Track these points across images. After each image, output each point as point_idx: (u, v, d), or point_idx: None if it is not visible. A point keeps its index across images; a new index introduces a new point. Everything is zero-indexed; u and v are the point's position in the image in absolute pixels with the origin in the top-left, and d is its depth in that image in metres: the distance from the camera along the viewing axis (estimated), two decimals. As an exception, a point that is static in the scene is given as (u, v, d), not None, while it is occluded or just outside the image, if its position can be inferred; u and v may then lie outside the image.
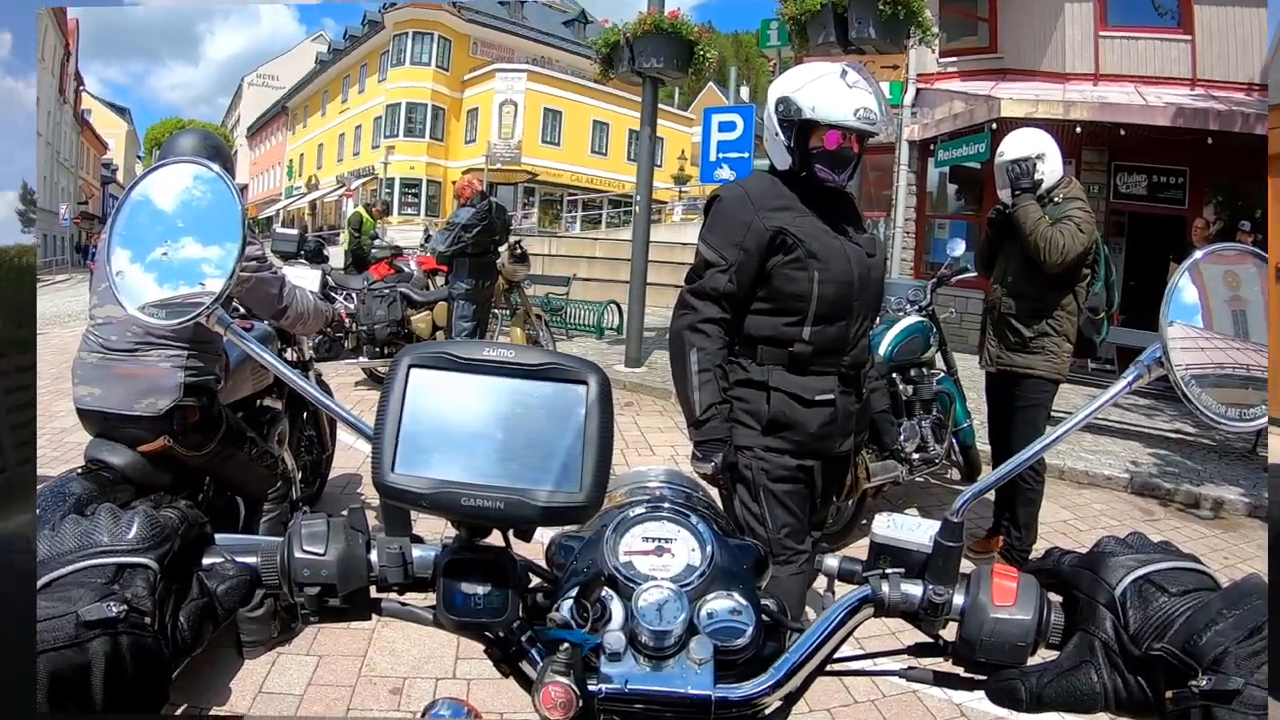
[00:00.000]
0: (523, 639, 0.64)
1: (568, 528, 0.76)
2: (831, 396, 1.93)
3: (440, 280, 7.17)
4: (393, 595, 0.64)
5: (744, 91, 26.26)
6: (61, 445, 4.68)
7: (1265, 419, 0.62)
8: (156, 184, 0.67)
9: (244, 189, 50.99)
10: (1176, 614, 0.52)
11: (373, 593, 0.63)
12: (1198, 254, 0.64)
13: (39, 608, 0.48)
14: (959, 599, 0.62)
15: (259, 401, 2.96)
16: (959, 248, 4.19)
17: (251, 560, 0.61)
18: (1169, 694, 0.49)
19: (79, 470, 2.18)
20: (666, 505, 0.77)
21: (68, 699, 0.46)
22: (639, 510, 0.75)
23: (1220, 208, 9.42)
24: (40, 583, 0.51)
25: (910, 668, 0.68)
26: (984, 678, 0.61)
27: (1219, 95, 8.87)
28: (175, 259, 0.65)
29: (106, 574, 0.52)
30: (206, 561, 0.60)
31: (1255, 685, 0.44)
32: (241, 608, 0.60)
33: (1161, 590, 0.54)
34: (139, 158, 60.47)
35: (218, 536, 0.62)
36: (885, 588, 0.64)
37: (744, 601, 0.66)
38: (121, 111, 61.32)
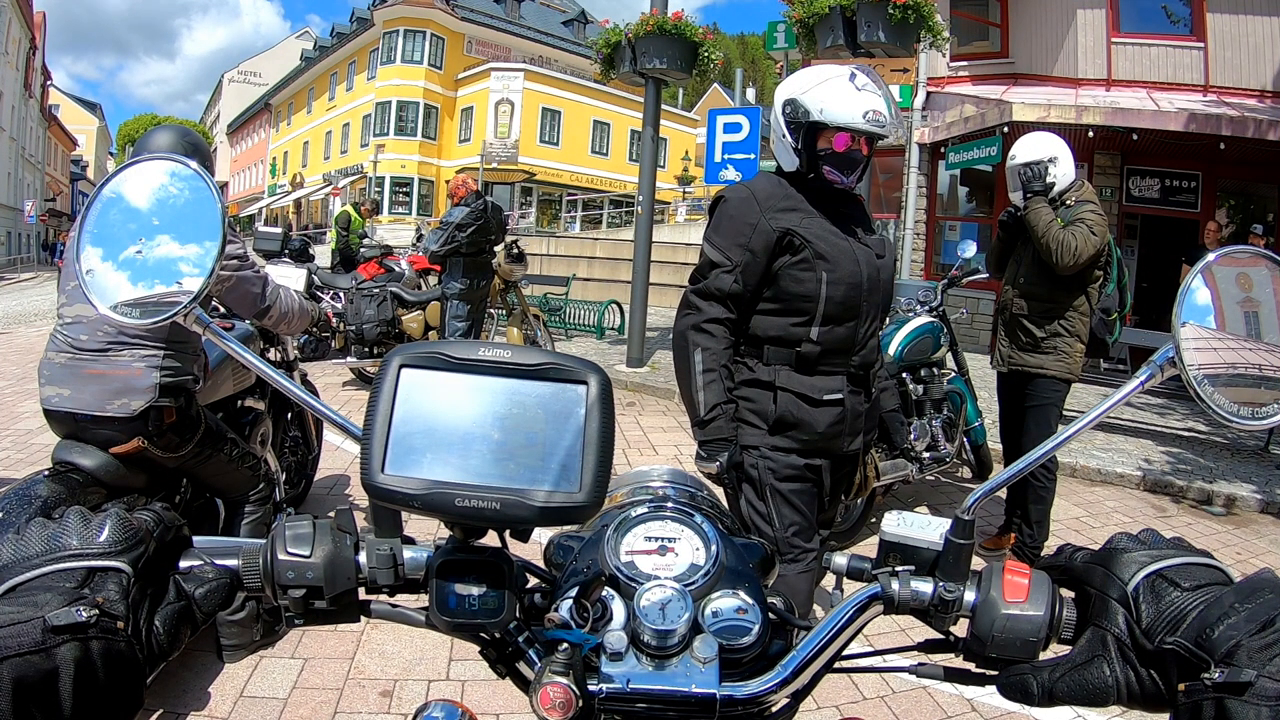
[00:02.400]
0: (520, 640, 0.64)
1: (567, 528, 0.76)
2: (840, 396, 1.93)
3: (433, 280, 7.12)
4: (382, 597, 0.64)
5: (750, 93, 26.25)
6: (27, 447, 4.60)
7: (1279, 417, 0.61)
8: (131, 181, 0.65)
9: (224, 187, 50.58)
10: (1189, 608, 0.52)
11: (361, 595, 0.62)
12: (1211, 256, 0.64)
13: (0, 614, 0.46)
14: (970, 595, 0.62)
15: (240, 402, 2.90)
16: (970, 249, 4.23)
17: (232, 563, 0.60)
18: (1181, 687, 0.49)
19: (46, 472, 2.09)
20: (670, 504, 0.76)
21: (33, 707, 0.44)
22: (641, 510, 0.74)
23: (1233, 211, 9.38)
24: (2, 589, 0.49)
25: (921, 664, 0.68)
26: (995, 673, 0.61)
27: (1231, 101, 8.82)
28: (151, 257, 0.64)
29: (76, 578, 0.50)
30: (184, 564, 0.59)
31: (1268, 677, 0.44)
32: (221, 611, 0.59)
33: (1174, 585, 0.54)
34: (111, 154, 60.66)
35: (196, 539, 0.61)
36: (895, 585, 0.64)
37: (750, 600, 0.65)
38: (92, 107, 61.53)
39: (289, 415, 3.54)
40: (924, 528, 0.66)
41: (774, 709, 0.64)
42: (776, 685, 0.62)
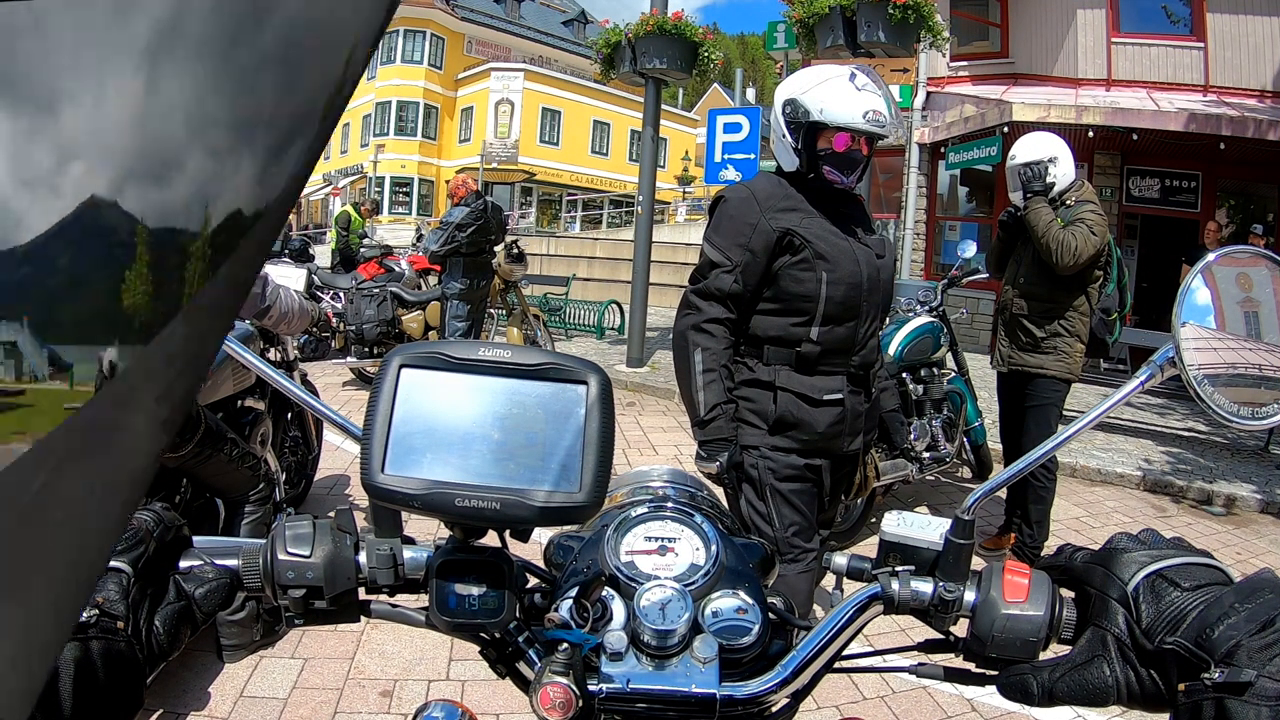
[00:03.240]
0: (520, 640, 0.64)
1: (567, 528, 0.76)
2: (840, 396, 1.93)
3: (433, 280, 7.12)
4: (382, 597, 0.64)
5: (750, 93, 26.23)
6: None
7: (1278, 417, 0.61)
8: None
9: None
10: (1189, 608, 0.52)
11: (361, 594, 0.62)
12: (1211, 256, 0.64)
13: None
14: (970, 595, 0.62)
15: (240, 402, 2.90)
16: (970, 249, 4.23)
17: (232, 563, 0.60)
18: (1181, 687, 0.49)
19: None
20: (669, 505, 0.76)
21: (34, 707, 0.44)
22: (641, 510, 0.74)
23: (1233, 211, 9.38)
24: None
25: (921, 664, 0.68)
26: (995, 673, 0.61)
27: (1231, 101, 8.82)
28: None
29: None
30: (184, 564, 0.59)
31: (1268, 677, 0.44)
32: (221, 611, 0.59)
33: (1174, 585, 0.54)
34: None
35: (196, 539, 0.61)
36: (895, 585, 0.64)
37: (750, 600, 0.66)
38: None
39: (289, 415, 3.53)
40: (924, 528, 0.66)
41: (774, 709, 0.64)
42: (776, 685, 0.62)
